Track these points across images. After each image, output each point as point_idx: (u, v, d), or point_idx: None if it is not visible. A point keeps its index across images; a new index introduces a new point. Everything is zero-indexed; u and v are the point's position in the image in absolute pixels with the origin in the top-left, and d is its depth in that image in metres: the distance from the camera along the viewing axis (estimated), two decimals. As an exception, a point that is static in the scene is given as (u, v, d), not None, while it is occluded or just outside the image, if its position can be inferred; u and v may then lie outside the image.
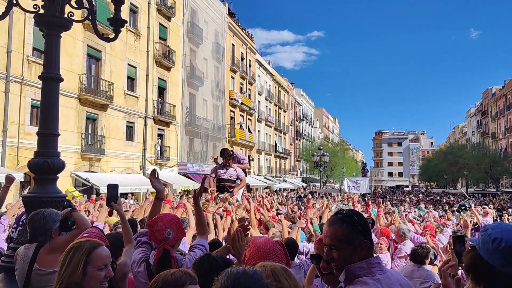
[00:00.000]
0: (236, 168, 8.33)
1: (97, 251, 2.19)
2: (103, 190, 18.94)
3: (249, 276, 1.57)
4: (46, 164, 3.50)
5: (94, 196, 8.53)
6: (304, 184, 51.64)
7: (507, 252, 1.49)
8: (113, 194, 3.30)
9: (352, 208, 8.06)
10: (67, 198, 3.92)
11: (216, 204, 7.10)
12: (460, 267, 1.89)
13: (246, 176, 8.85)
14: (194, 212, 4.95)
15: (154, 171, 3.52)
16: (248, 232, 2.71)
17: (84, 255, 2.15)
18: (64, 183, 17.84)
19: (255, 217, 6.33)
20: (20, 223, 3.77)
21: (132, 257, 2.91)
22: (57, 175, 3.66)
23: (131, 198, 19.96)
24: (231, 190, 8.05)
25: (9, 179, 4.43)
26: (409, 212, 14.51)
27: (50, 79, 3.55)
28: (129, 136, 24.74)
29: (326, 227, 2.01)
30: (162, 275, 1.82)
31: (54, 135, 3.61)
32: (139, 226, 4.77)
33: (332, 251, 1.91)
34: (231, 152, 8.38)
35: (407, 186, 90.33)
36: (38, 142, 3.60)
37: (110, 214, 7.20)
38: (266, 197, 9.42)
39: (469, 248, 1.70)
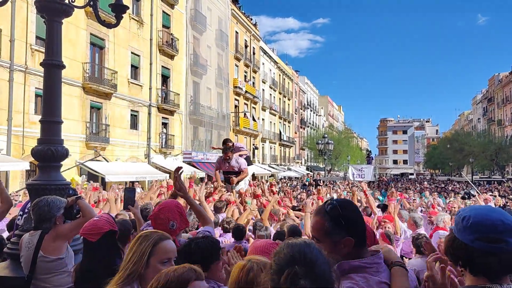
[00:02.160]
0: (238, 159, 8.35)
1: (162, 244, 2.13)
2: (109, 179, 19.06)
3: (313, 247, 1.53)
4: (49, 151, 3.49)
5: (96, 184, 8.49)
6: (309, 173, 51.66)
7: (475, 227, 1.59)
8: (130, 197, 3.33)
9: (364, 196, 7.98)
10: (71, 186, 3.91)
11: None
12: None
13: (251, 164, 8.86)
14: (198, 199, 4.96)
15: (179, 169, 3.39)
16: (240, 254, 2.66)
17: (150, 246, 2.10)
18: (69, 172, 17.92)
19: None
20: (26, 210, 3.78)
21: None
22: (61, 162, 3.66)
23: (138, 186, 20.05)
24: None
25: None
26: (414, 200, 14.52)
27: (52, 66, 3.53)
28: (134, 124, 24.76)
29: (313, 217, 1.97)
30: (164, 272, 1.75)
31: (57, 122, 3.60)
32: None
33: (315, 242, 1.86)
34: (230, 145, 8.31)
35: (412, 174, 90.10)
36: (41, 129, 3.59)
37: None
38: (273, 185, 9.43)
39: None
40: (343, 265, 1.82)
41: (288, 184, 25.84)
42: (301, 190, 17.57)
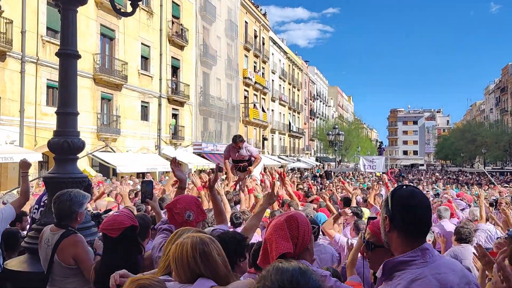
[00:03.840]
0: (248, 147, 8.21)
1: None
2: (120, 170, 19.12)
3: (309, 276, 1.28)
4: (66, 144, 3.42)
5: (100, 176, 8.48)
6: (319, 164, 51.47)
7: None
8: (148, 191, 3.23)
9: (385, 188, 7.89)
10: (88, 178, 3.84)
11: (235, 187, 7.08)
12: None
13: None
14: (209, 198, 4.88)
15: (174, 160, 3.39)
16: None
17: None
18: (81, 163, 17.98)
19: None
20: (42, 203, 3.72)
21: (154, 242, 2.86)
22: (77, 155, 3.58)
23: (149, 178, 20.10)
24: (247, 169, 8.01)
25: (25, 165, 3.98)
26: (427, 192, 14.34)
27: (68, 56, 3.44)
28: (144, 116, 24.77)
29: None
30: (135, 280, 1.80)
31: (73, 114, 3.53)
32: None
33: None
34: (240, 136, 8.21)
35: (422, 165, 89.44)
36: (58, 121, 3.51)
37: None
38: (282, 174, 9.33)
39: (505, 238, 1.68)
40: (387, 264, 1.76)
41: (297, 176, 25.73)
42: (313, 181, 17.45)
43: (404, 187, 1.84)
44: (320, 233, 4.47)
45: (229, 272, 1.99)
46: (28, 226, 4.26)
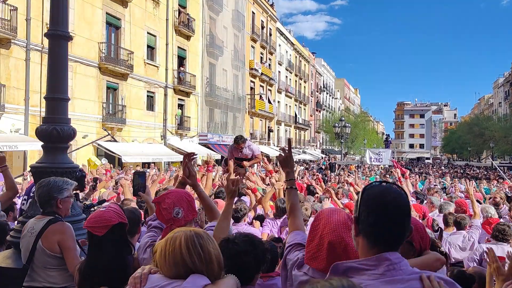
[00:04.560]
0: (251, 145, 8.29)
1: None
2: (125, 160, 19.04)
3: None
4: (55, 131, 3.22)
5: (107, 164, 8.40)
6: (325, 156, 51.21)
7: None
8: (140, 183, 3.00)
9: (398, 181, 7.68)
10: (80, 168, 3.65)
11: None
12: None
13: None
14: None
15: (190, 154, 3.01)
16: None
17: None
18: (86, 153, 17.94)
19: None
20: (31, 194, 3.55)
21: (140, 242, 2.64)
22: (68, 143, 3.39)
23: (154, 168, 20.00)
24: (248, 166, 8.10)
25: (0, 159, 3.70)
26: (435, 185, 14.09)
27: (58, 37, 3.22)
28: (150, 106, 24.63)
29: None
30: None
31: (63, 99, 3.32)
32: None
33: None
34: (242, 137, 8.23)
35: (428, 158, 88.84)
36: (46, 107, 3.32)
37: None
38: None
39: None
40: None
41: (304, 168, 25.53)
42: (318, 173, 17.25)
43: (381, 184, 1.57)
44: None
45: (221, 271, 1.81)
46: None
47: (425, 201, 7.36)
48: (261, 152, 8.66)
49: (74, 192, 3.19)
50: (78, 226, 3.05)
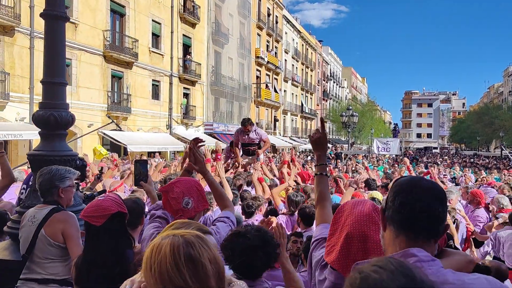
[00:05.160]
0: (257, 130, 8.06)
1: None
2: (130, 149, 18.95)
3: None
4: (52, 117, 3.07)
5: (115, 155, 8.27)
6: (331, 145, 50.92)
7: None
8: (142, 172, 2.83)
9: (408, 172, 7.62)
10: (81, 156, 3.50)
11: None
12: None
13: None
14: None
15: (197, 140, 2.76)
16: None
17: None
18: (91, 142, 17.88)
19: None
20: (30, 183, 3.42)
21: (143, 233, 2.44)
22: (66, 130, 3.24)
23: (159, 157, 19.93)
24: (256, 152, 7.87)
25: None
26: (444, 176, 13.86)
27: (55, 18, 3.04)
28: (155, 94, 24.47)
29: None
30: None
31: (61, 83, 3.16)
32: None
33: None
34: (249, 119, 8.03)
35: (435, 148, 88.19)
36: (43, 92, 3.16)
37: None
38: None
39: None
40: None
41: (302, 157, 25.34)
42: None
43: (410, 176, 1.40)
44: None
45: (222, 283, 1.40)
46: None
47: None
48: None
49: (75, 181, 3.06)
50: (79, 217, 2.92)
